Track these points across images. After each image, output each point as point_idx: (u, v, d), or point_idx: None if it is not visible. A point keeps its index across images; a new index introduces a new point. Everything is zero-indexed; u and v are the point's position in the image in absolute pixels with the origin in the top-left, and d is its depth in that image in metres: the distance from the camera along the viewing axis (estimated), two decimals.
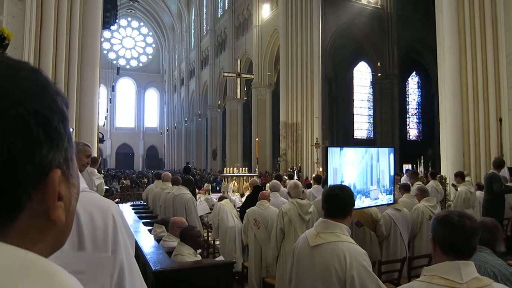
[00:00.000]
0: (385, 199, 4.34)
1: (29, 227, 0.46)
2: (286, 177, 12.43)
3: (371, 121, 29.13)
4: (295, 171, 16.48)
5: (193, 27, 40.46)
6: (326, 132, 20.30)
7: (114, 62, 45.82)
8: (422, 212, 5.15)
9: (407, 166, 20.64)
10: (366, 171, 4.04)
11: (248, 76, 23.11)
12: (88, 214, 0.89)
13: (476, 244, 1.70)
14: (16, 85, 0.45)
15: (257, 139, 21.23)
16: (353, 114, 28.94)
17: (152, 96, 51.61)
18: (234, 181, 13.81)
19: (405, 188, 6.27)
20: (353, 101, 28.96)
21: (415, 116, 32.38)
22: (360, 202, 4.01)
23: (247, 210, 5.32)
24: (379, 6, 25.71)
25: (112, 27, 21.04)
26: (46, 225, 0.48)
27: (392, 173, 4.42)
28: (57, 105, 0.48)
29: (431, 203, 5.34)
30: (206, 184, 11.23)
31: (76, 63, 7.49)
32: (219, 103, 32.13)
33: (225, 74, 22.80)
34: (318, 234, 2.20)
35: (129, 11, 47.63)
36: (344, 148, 3.96)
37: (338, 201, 2.23)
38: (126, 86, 49.50)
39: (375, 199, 4.18)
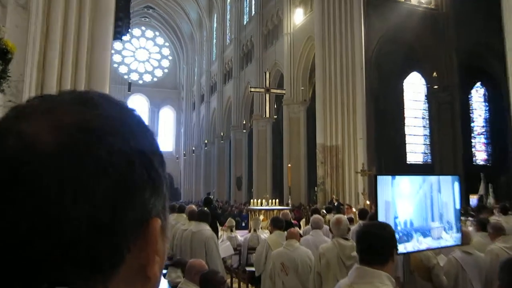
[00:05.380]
0: (451, 238, 4.16)
1: (123, 285, 0.46)
2: (324, 211, 12.25)
3: (428, 143, 28.56)
4: (336, 204, 16.21)
5: (215, 36, 41.47)
6: (372, 157, 19.99)
7: (126, 77, 47.27)
8: (496, 255, 4.88)
9: (474, 198, 19.94)
10: (425, 205, 3.90)
11: (278, 91, 23.30)
12: None
13: None
14: (125, 124, 0.48)
15: (289, 165, 21.13)
16: (405, 135, 28.48)
17: (167, 116, 52.77)
18: (262, 216, 13.70)
19: (481, 225, 5.99)
20: (404, 118, 28.54)
21: (482, 136, 31.53)
22: (417, 244, 3.85)
23: (272, 253, 5.25)
24: (432, 6, 25.62)
25: (124, 38, 21.81)
26: (140, 284, 0.48)
27: (458, 206, 4.25)
28: (157, 148, 0.51)
29: (507, 244, 5.07)
30: (229, 219, 11.15)
31: (84, 79, 7.73)
32: (244, 123, 32.41)
33: (252, 90, 23.06)
34: (352, 285, 2.10)
35: (143, 19, 49.42)
36: (397, 177, 3.85)
37: (376, 243, 2.12)
38: (138, 104, 50.87)
39: (438, 238, 4.01)
